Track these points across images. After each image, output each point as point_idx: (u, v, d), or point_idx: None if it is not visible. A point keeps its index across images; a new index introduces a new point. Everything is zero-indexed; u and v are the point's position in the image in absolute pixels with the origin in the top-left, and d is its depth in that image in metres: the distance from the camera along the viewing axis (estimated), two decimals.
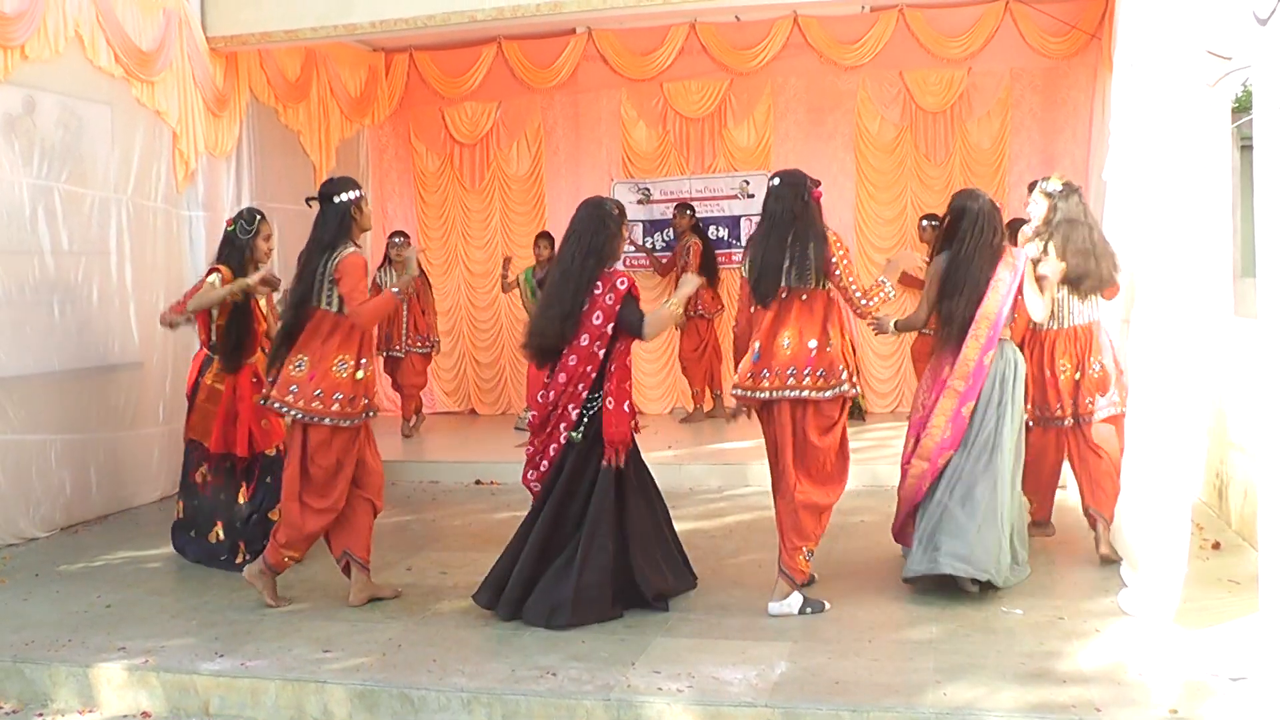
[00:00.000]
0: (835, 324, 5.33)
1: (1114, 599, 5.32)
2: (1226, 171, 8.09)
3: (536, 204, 11.83)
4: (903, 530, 5.88)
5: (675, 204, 10.83)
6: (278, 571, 5.70)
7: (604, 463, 5.26)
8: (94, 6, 7.76)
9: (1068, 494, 6.87)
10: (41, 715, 4.86)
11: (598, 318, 5.19)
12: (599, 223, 5.30)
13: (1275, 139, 4.16)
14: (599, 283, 5.23)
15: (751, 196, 11.10)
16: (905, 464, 5.78)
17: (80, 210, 7.89)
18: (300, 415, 5.44)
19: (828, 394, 5.23)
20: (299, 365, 5.46)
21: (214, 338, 6.51)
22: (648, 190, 11.45)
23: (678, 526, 5.87)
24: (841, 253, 5.31)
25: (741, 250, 10.96)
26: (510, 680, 4.60)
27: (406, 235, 10.32)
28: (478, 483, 8.85)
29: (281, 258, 9.81)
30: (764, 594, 5.46)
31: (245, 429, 6.50)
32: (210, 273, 6.38)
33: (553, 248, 10.59)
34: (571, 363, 5.23)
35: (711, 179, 11.35)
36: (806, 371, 5.24)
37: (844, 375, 5.26)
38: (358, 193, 5.56)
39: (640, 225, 11.42)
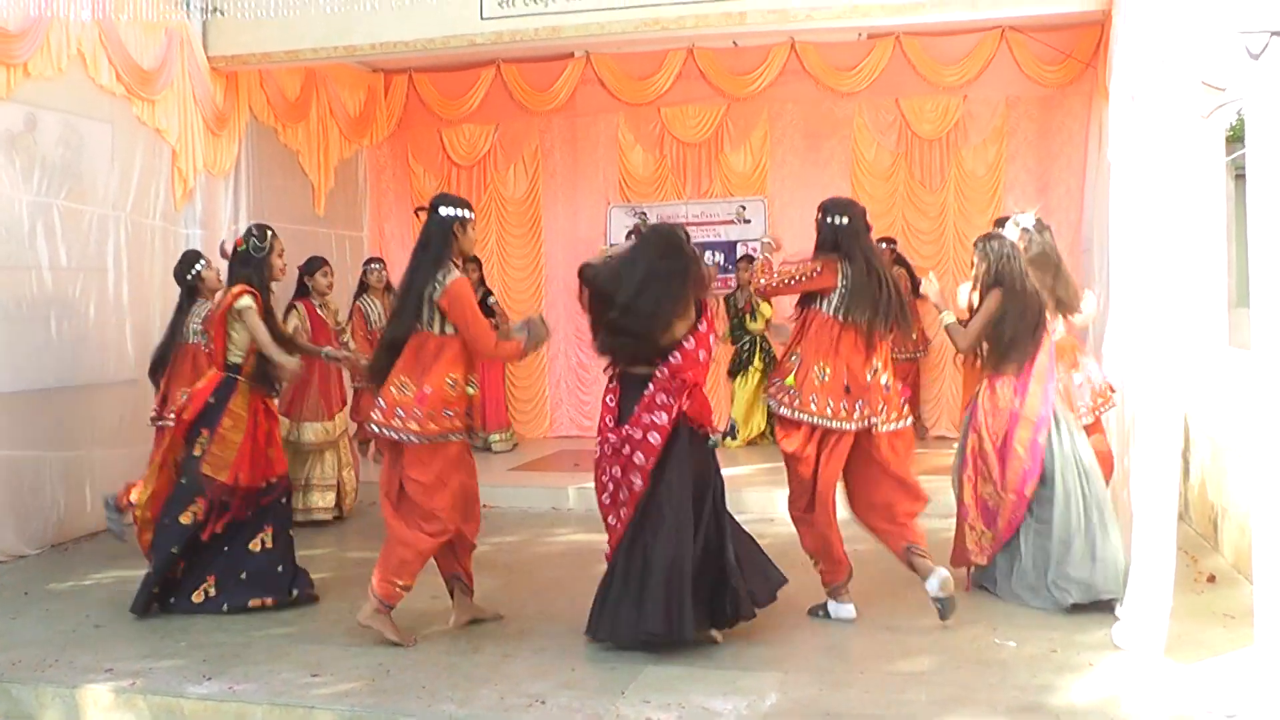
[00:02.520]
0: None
1: (1108, 632, 5.29)
2: (1221, 201, 8.22)
3: (533, 226, 11.86)
4: (960, 555, 6.20)
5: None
6: (391, 606, 5.38)
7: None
8: (97, 25, 7.80)
9: None
10: None
11: (701, 355, 5.26)
12: (682, 253, 5.33)
13: (1268, 170, 4.18)
14: (702, 320, 5.29)
15: (748, 222, 11.17)
16: (971, 490, 6.07)
17: (79, 227, 7.92)
18: (412, 438, 5.26)
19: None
20: (404, 388, 5.28)
21: (239, 360, 6.09)
22: (644, 214, 11.45)
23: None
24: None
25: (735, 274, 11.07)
26: (499, 708, 4.57)
27: (383, 261, 10.29)
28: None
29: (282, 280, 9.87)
30: (760, 619, 5.42)
31: (263, 457, 6.14)
32: (240, 295, 6.04)
33: (481, 270, 10.68)
34: (673, 384, 5.20)
35: (708, 204, 11.41)
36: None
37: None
38: (466, 213, 5.42)
39: None
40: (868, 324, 5.54)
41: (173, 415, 6.53)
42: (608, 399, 5.40)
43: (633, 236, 5.52)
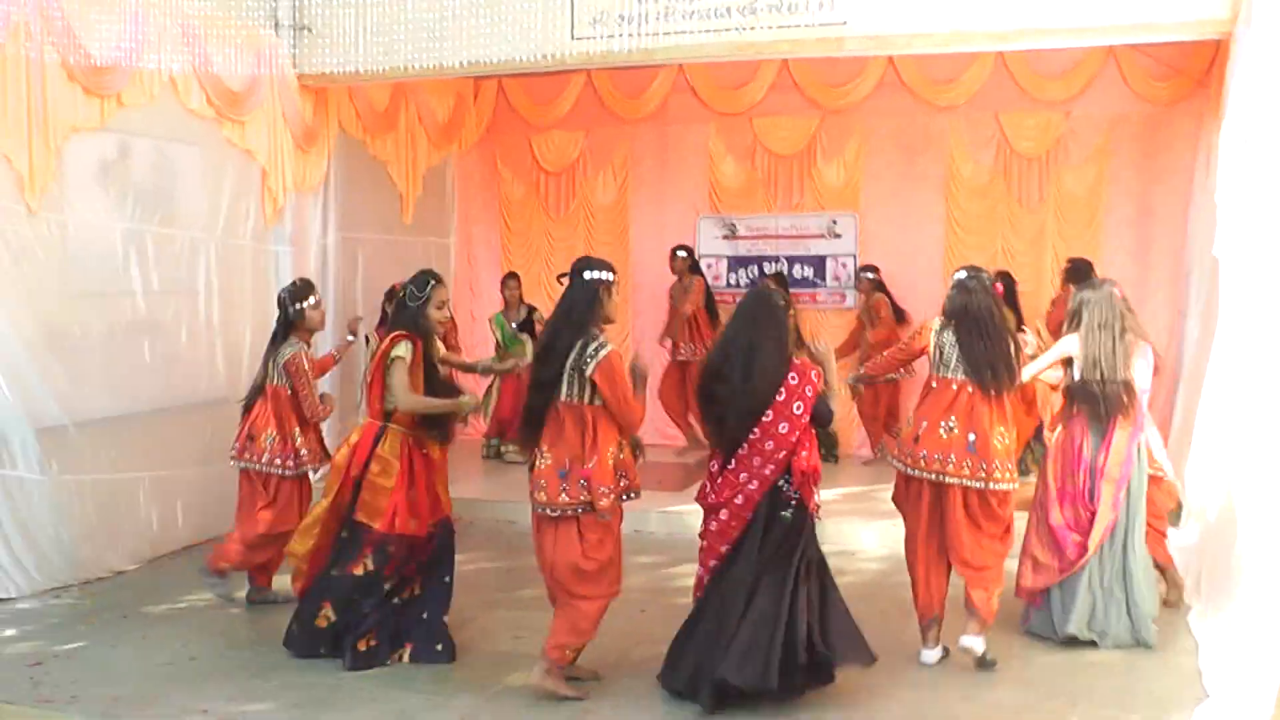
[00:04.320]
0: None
1: (1190, 716, 5.11)
2: None
3: (621, 234, 11.82)
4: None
5: (674, 247, 10.80)
6: (561, 666, 5.40)
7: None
8: (189, 50, 7.91)
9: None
10: None
11: (798, 408, 5.18)
12: (778, 309, 5.33)
13: None
14: (793, 373, 5.22)
15: (839, 237, 11.02)
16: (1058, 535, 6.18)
17: (170, 251, 8.06)
18: (586, 510, 5.22)
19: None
20: (561, 470, 5.23)
21: (393, 408, 5.89)
22: (734, 226, 11.41)
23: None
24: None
25: (824, 292, 10.95)
26: None
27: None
28: None
29: (366, 291, 9.98)
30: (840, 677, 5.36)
31: (423, 505, 5.95)
32: (396, 343, 5.88)
33: (521, 288, 10.66)
34: (768, 447, 5.18)
35: (798, 218, 11.25)
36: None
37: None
38: (611, 276, 5.35)
39: (725, 261, 11.39)
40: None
41: (252, 459, 6.73)
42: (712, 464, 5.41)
43: (566, 279, 5.46)
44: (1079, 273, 8.40)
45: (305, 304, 6.74)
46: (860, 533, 8.18)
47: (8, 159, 6.79)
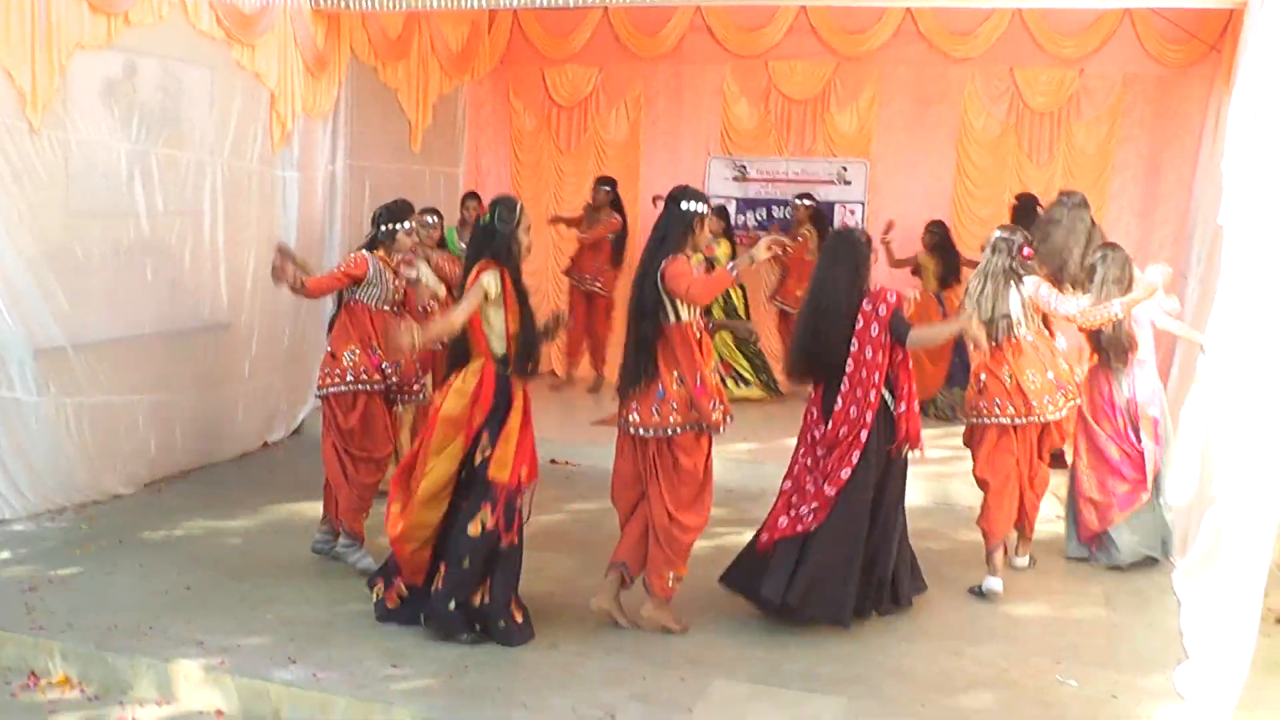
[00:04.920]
0: None
1: (1171, 677, 5.23)
2: None
3: (631, 172, 11.73)
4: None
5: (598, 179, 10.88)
6: (668, 599, 5.56)
7: (894, 455, 5.66)
8: None
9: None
10: (122, 704, 5.03)
11: (875, 329, 5.52)
12: (857, 250, 5.71)
13: None
14: (867, 300, 5.56)
15: (848, 184, 11.00)
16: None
17: (176, 173, 7.99)
18: (679, 430, 5.34)
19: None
20: (680, 382, 5.35)
21: (504, 351, 5.41)
22: (744, 168, 11.37)
23: (744, 534, 6.10)
24: None
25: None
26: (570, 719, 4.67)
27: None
28: (552, 462, 8.61)
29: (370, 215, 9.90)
30: (828, 632, 5.55)
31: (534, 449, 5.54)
32: (482, 270, 5.36)
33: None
34: (863, 375, 5.53)
35: (809, 162, 11.21)
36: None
37: None
38: (705, 208, 5.44)
39: (734, 203, 11.36)
40: None
41: (341, 382, 6.31)
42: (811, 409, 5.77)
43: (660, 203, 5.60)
44: (1027, 211, 9.03)
45: (399, 226, 6.43)
46: None
47: (9, 75, 6.67)
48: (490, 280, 5.32)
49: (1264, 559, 4.79)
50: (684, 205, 5.39)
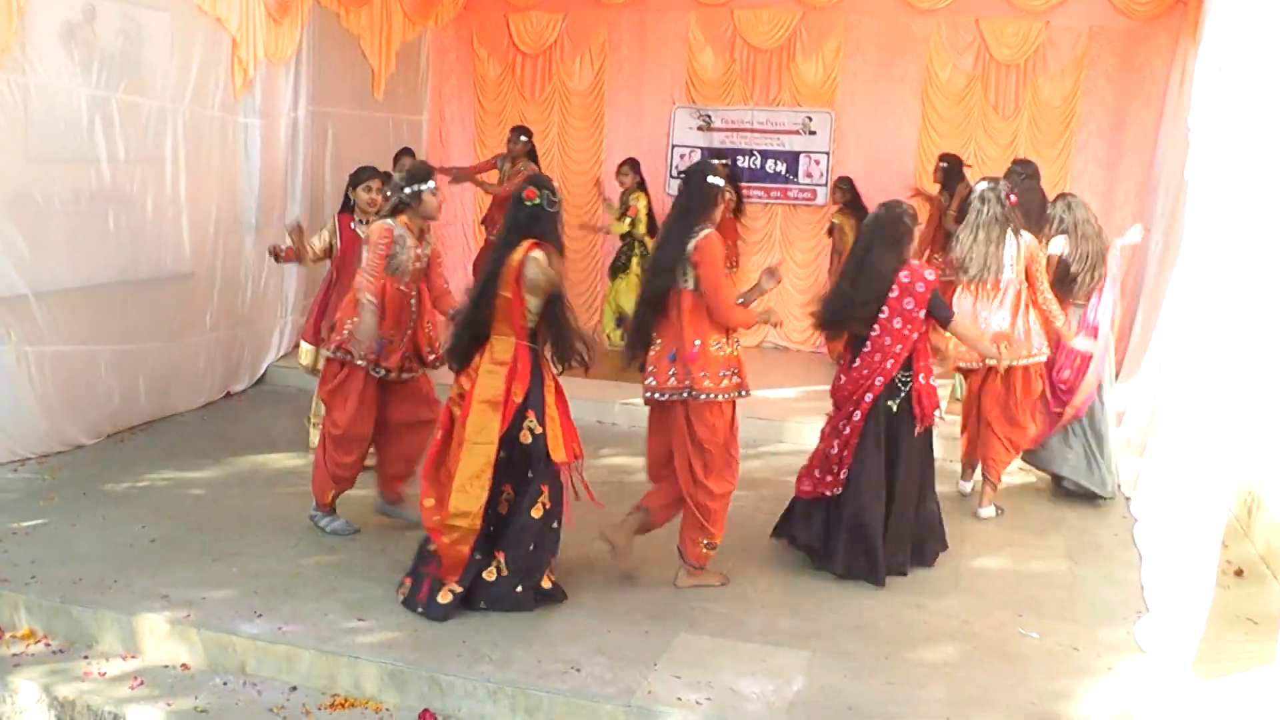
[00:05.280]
0: None
1: (1131, 630, 5.36)
2: None
3: (596, 120, 11.73)
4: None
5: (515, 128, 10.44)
6: (703, 566, 5.69)
7: (918, 430, 5.86)
8: None
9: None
10: (87, 657, 5.06)
11: (909, 303, 5.71)
12: (901, 222, 5.83)
13: None
14: (906, 271, 5.74)
15: (814, 134, 10.98)
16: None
17: (137, 119, 7.87)
18: (692, 394, 5.35)
19: None
20: (670, 353, 5.40)
21: (534, 326, 5.28)
22: (709, 117, 11.34)
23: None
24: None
25: (795, 189, 10.94)
26: (536, 673, 4.73)
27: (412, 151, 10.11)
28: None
29: (335, 166, 9.84)
30: (791, 584, 5.68)
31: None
32: (532, 249, 5.15)
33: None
34: (887, 342, 5.75)
35: (775, 112, 11.19)
36: None
37: None
38: (723, 184, 5.52)
39: (699, 153, 11.30)
40: None
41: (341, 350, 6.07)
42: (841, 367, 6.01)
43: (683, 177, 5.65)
44: (954, 172, 9.61)
45: (425, 186, 5.96)
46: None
47: None
48: (539, 257, 5.14)
49: (1222, 512, 4.89)
50: (711, 180, 5.44)
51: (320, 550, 5.97)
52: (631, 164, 10.42)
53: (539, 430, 5.21)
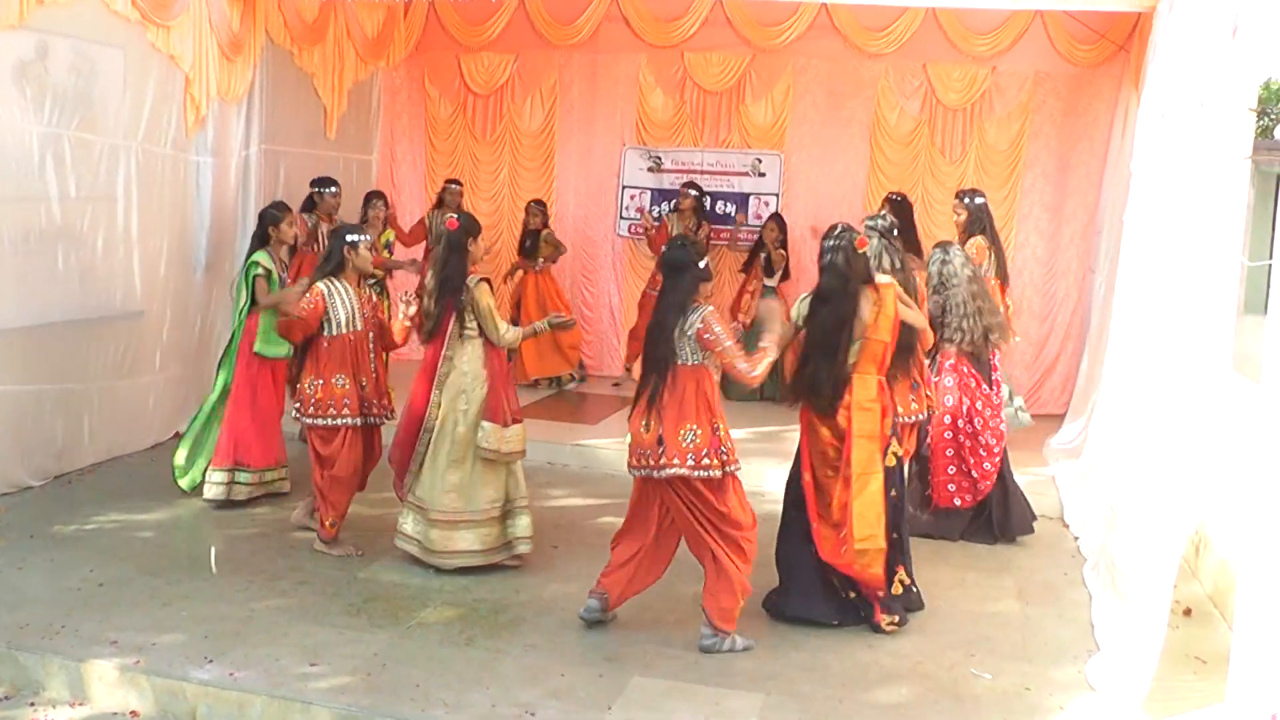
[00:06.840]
0: None
1: (1083, 669, 5.40)
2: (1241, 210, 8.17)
3: (546, 160, 11.77)
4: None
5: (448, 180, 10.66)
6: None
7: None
8: None
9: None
10: (33, 704, 4.96)
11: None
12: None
13: None
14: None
15: (763, 175, 11.10)
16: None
17: (89, 157, 7.82)
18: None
19: None
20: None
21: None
22: (659, 159, 11.40)
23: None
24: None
25: (745, 230, 11.02)
26: (490, 718, 4.69)
27: (384, 195, 10.05)
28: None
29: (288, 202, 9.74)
30: (747, 625, 5.60)
31: None
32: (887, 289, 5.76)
33: (389, 207, 9.93)
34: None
35: (724, 153, 11.29)
36: None
37: None
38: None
39: (649, 194, 11.39)
40: None
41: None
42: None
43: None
44: (903, 209, 9.17)
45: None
46: (767, 474, 8.28)
47: None
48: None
49: (1174, 553, 4.95)
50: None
51: (272, 594, 5.91)
52: (539, 205, 10.87)
53: (899, 452, 5.95)
